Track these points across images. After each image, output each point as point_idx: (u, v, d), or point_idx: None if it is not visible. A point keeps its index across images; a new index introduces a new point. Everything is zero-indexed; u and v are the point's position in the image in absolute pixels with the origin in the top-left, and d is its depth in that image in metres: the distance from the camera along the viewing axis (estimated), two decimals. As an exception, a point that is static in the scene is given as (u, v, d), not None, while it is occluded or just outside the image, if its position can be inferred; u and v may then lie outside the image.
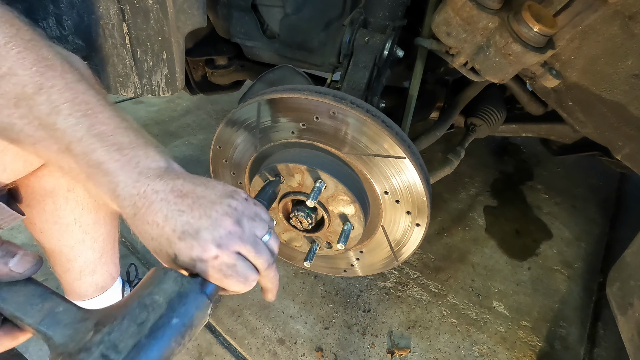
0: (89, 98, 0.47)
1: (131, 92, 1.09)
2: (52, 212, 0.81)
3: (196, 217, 0.46)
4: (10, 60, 0.44)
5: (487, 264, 1.53)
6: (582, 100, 0.95)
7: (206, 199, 0.48)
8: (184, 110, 2.38)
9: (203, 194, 0.48)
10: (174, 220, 0.46)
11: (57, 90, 0.45)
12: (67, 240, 0.87)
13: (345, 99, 0.80)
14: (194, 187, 0.48)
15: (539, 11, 0.74)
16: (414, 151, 0.84)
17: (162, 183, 0.47)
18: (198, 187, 0.49)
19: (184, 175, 0.50)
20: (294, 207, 0.89)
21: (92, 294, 0.99)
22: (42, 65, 0.45)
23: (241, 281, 0.49)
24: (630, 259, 0.94)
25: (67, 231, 0.86)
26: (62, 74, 0.46)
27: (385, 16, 0.97)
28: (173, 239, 0.46)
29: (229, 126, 0.93)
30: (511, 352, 1.23)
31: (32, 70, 0.44)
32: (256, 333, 1.20)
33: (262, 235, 0.52)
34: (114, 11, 0.94)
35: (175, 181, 0.48)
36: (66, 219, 0.84)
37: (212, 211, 0.47)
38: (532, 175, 2.11)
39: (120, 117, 0.49)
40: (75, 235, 0.87)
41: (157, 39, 0.99)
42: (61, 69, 0.47)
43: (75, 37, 0.97)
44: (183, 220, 0.46)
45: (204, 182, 0.50)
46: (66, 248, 0.88)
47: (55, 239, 0.86)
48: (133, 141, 0.48)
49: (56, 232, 0.85)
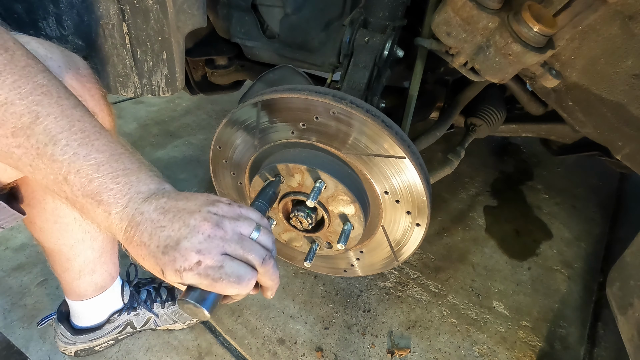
0: (84, 125, 0.48)
1: (131, 92, 1.09)
2: (52, 211, 0.81)
3: (176, 229, 0.47)
4: (6, 89, 0.44)
5: (487, 264, 1.53)
6: (582, 100, 0.95)
7: (186, 210, 0.48)
8: (184, 110, 2.38)
9: (184, 207, 0.48)
10: (157, 236, 0.47)
11: (53, 119, 0.46)
12: (67, 239, 0.87)
13: (345, 98, 0.80)
14: (176, 202, 0.49)
15: (539, 11, 0.74)
16: (414, 151, 0.84)
17: (147, 204, 0.48)
18: (180, 201, 0.49)
19: (170, 193, 0.50)
20: (294, 207, 0.89)
21: (92, 293, 0.99)
22: (38, 94, 0.46)
23: (234, 282, 0.48)
24: (630, 259, 0.94)
25: (67, 230, 0.86)
26: (57, 101, 0.47)
27: (385, 16, 0.97)
28: (158, 255, 0.47)
29: (229, 126, 0.93)
30: (511, 352, 1.23)
31: (29, 100, 0.45)
32: (256, 333, 1.20)
33: (249, 233, 0.51)
34: (114, 11, 0.94)
35: (159, 200, 0.48)
36: (66, 218, 0.84)
37: (190, 220, 0.47)
38: (532, 175, 2.11)
39: (115, 142, 0.50)
40: (75, 235, 0.87)
41: (157, 39, 0.99)
42: (57, 96, 0.47)
43: (75, 37, 0.97)
44: (165, 235, 0.47)
45: (186, 196, 0.50)
46: (66, 247, 0.88)
47: (55, 238, 0.86)
48: (127, 167, 0.49)
49: (56, 231, 0.85)
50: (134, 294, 1.09)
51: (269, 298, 0.60)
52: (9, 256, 1.33)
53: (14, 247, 1.36)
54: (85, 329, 1.04)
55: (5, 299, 1.20)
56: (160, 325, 1.14)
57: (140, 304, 1.09)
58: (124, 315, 1.07)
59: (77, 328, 1.04)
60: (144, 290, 1.13)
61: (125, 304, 1.07)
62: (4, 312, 1.17)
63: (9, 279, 1.26)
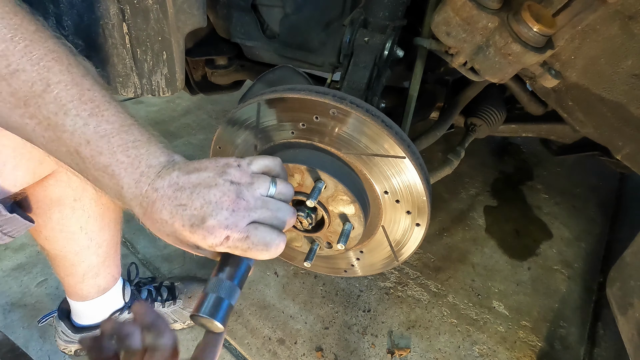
0: (94, 94, 0.47)
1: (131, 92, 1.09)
2: (59, 220, 0.81)
3: (198, 207, 0.47)
4: (17, 55, 0.43)
5: (487, 264, 1.53)
6: (582, 100, 0.95)
7: (202, 186, 0.48)
8: (184, 110, 2.38)
9: (198, 181, 0.48)
10: (179, 216, 0.47)
11: (64, 87, 0.45)
12: (73, 246, 0.87)
13: (345, 98, 0.80)
14: (188, 177, 0.48)
15: (539, 11, 0.74)
16: (414, 151, 0.84)
17: (160, 179, 0.47)
18: (192, 175, 0.48)
19: (180, 164, 0.50)
20: (294, 207, 0.89)
21: (94, 295, 0.99)
22: (49, 59, 0.45)
23: (261, 249, 0.49)
24: (630, 259, 0.94)
25: (73, 238, 0.85)
26: (68, 68, 0.46)
27: (385, 16, 0.97)
28: (186, 233, 0.47)
29: (229, 126, 0.93)
30: (511, 352, 1.23)
31: (40, 66, 0.44)
32: (256, 333, 1.20)
33: (267, 191, 0.52)
34: (114, 11, 0.94)
35: (171, 174, 0.48)
36: (72, 227, 0.83)
37: (210, 196, 0.47)
38: (532, 175, 2.11)
39: (125, 113, 0.49)
40: (81, 242, 0.87)
41: (157, 39, 0.99)
42: (67, 63, 0.47)
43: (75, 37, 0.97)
44: (188, 214, 0.46)
45: (196, 167, 0.50)
46: (71, 254, 0.88)
47: (61, 245, 0.86)
48: (137, 139, 0.48)
49: (62, 239, 0.84)
50: (135, 293, 1.09)
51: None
52: (9, 256, 1.33)
53: (14, 247, 1.36)
54: (86, 327, 1.04)
55: (5, 299, 1.20)
56: (161, 325, 1.14)
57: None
58: (125, 314, 1.07)
59: (78, 326, 1.04)
60: (145, 289, 1.13)
61: (126, 303, 1.07)
62: (4, 312, 1.17)
63: (9, 279, 1.26)
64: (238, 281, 0.51)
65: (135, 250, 1.42)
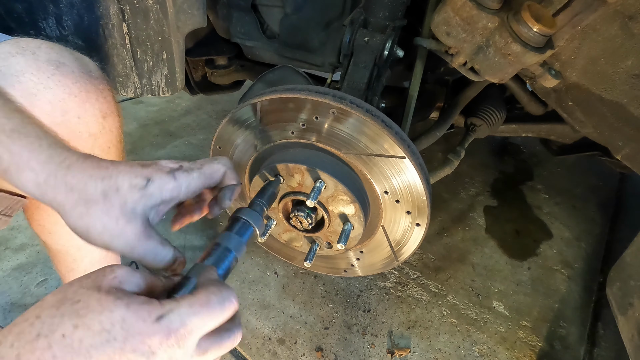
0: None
1: (131, 92, 1.09)
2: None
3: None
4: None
5: (487, 264, 1.53)
6: (582, 100, 0.95)
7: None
8: (184, 110, 2.38)
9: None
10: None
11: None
12: (75, 241, 0.86)
13: (345, 98, 0.80)
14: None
15: (539, 11, 0.74)
16: (414, 151, 0.84)
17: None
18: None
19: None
20: (294, 207, 0.89)
21: None
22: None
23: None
24: (630, 259, 0.94)
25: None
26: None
27: (385, 16, 0.97)
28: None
29: (229, 126, 0.93)
30: (511, 352, 1.23)
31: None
32: (256, 333, 1.20)
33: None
34: (114, 11, 0.94)
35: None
36: None
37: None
38: (532, 175, 2.11)
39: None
40: None
41: (157, 39, 0.99)
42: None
43: (75, 37, 0.97)
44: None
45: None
46: (73, 249, 0.88)
47: (64, 240, 0.86)
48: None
49: (65, 233, 0.84)
50: (135, 293, 1.09)
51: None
52: (9, 256, 1.33)
53: (14, 247, 1.36)
54: None
55: (5, 299, 1.20)
56: (160, 325, 1.14)
57: (140, 303, 1.09)
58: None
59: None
60: (144, 289, 1.13)
61: (125, 303, 1.07)
62: (4, 312, 1.17)
63: (9, 279, 1.26)
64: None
65: (135, 250, 1.42)
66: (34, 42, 0.62)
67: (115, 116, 0.75)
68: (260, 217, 0.61)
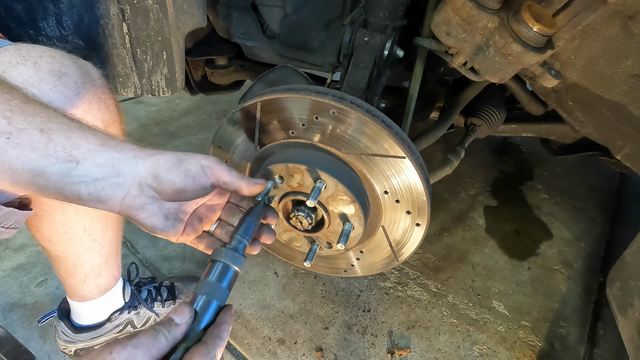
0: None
1: (131, 92, 1.09)
2: (62, 222, 0.81)
3: None
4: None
5: (487, 264, 1.53)
6: (582, 100, 0.95)
7: None
8: (184, 110, 2.38)
9: None
10: None
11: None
12: (75, 247, 0.86)
13: (345, 98, 0.80)
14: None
15: (539, 11, 0.74)
16: (414, 151, 0.84)
17: None
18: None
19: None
20: (294, 207, 0.89)
21: (95, 295, 0.99)
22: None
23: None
24: (630, 259, 0.94)
25: (76, 240, 0.85)
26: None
27: (385, 16, 0.98)
28: None
29: (229, 126, 0.93)
30: (511, 352, 1.23)
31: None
32: (256, 333, 1.20)
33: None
34: (114, 11, 0.94)
35: None
36: (76, 229, 0.83)
37: None
38: (532, 175, 2.11)
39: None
40: (84, 244, 0.87)
41: (157, 39, 1.00)
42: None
43: (75, 37, 0.97)
44: None
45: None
46: (73, 255, 0.88)
47: (64, 247, 0.86)
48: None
49: (65, 241, 0.84)
50: (135, 293, 1.09)
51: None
52: (9, 256, 1.33)
53: (14, 247, 1.36)
54: (86, 327, 1.04)
55: (5, 299, 1.20)
56: (161, 325, 1.14)
57: (141, 302, 1.09)
58: (125, 314, 1.07)
59: (78, 326, 1.04)
60: (145, 289, 1.13)
61: (126, 302, 1.07)
62: (4, 312, 1.17)
63: (9, 279, 1.26)
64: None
65: (136, 250, 1.42)
66: (35, 50, 0.62)
67: (117, 124, 0.75)
68: (240, 256, 0.55)
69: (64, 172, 0.47)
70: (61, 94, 0.62)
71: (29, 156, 0.45)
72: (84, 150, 0.47)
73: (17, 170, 0.45)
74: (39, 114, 0.46)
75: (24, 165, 0.45)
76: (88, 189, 0.48)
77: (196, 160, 0.55)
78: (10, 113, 0.44)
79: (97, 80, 0.69)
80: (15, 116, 0.44)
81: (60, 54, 0.64)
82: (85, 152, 0.47)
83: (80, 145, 0.47)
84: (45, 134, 0.45)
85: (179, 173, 0.53)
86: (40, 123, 0.46)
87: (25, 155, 0.45)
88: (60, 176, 0.47)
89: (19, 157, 0.45)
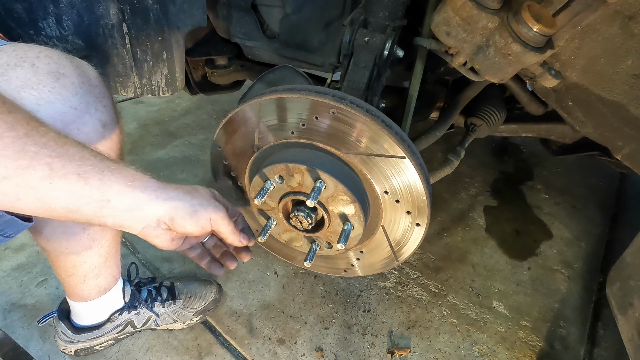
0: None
1: (131, 92, 1.09)
2: (61, 222, 0.81)
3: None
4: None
5: (487, 264, 1.53)
6: (582, 100, 0.95)
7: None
8: (184, 110, 2.38)
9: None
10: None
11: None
12: (74, 247, 0.86)
13: (345, 98, 0.80)
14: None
15: (539, 11, 0.74)
16: (414, 151, 0.84)
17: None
18: None
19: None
20: (294, 207, 0.89)
21: (95, 295, 0.99)
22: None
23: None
24: (630, 259, 0.94)
25: (75, 240, 0.85)
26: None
27: (385, 16, 0.97)
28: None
29: (229, 126, 0.93)
30: (511, 352, 1.23)
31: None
32: (256, 333, 1.20)
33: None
34: (114, 11, 0.94)
35: None
36: (75, 229, 0.83)
37: None
38: (532, 175, 2.11)
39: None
40: (83, 243, 0.87)
41: (157, 39, 1.00)
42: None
43: (75, 37, 0.97)
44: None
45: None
46: (72, 255, 0.88)
47: (63, 247, 0.86)
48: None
49: (64, 240, 0.84)
50: (135, 293, 1.09)
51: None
52: (9, 256, 1.33)
53: (14, 247, 1.36)
54: (86, 327, 1.04)
55: (5, 299, 1.20)
56: (161, 325, 1.14)
57: (141, 303, 1.09)
58: (125, 314, 1.07)
59: (78, 326, 1.04)
60: (145, 289, 1.13)
61: (126, 303, 1.07)
62: (4, 312, 1.17)
63: (9, 279, 1.26)
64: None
65: (135, 250, 1.42)
66: (32, 49, 0.62)
67: (114, 123, 0.75)
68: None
69: (96, 208, 0.55)
70: (59, 95, 0.63)
71: (67, 198, 0.53)
72: (115, 191, 0.56)
73: (55, 208, 0.53)
74: (74, 156, 0.53)
75: (62, 204, 0.53)
76: (114, 220, 0.58)
77: (207, 213, 0.65)
78: (50, 159, 0.50)
79: (94, 79, 0.69)
80: (55, 161, 0.51)
81: (57, 54, 0.64)
82: (116, 192, 0.56)
83: (112, 187, 0.56)
84: (82, 178, 0.53)
85: (191, 222, 0.63)
86: (77, 167, 0.53)
87: (64, 198, 0.52)
88: (93, 212, 0.55)
89: (59, 199, 0.52)
